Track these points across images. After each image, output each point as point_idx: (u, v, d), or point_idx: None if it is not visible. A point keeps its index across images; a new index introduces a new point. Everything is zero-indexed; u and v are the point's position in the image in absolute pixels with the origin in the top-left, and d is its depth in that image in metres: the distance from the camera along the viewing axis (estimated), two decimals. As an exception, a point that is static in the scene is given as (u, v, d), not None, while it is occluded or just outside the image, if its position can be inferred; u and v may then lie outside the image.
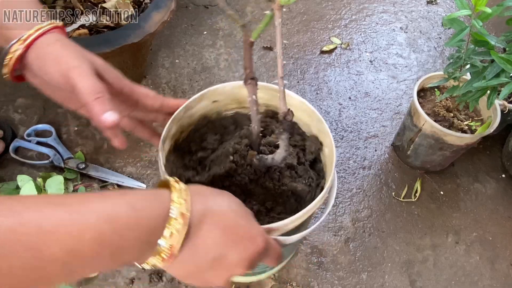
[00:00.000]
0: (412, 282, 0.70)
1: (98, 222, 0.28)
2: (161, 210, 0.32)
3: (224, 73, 0.98)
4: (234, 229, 0.35)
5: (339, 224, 0.75)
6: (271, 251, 0.39)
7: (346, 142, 0.88)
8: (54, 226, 0.26)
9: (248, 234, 0.36)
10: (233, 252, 0.35)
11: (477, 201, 0.80)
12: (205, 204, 0.34)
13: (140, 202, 0.31)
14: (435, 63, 1.05)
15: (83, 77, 0.39)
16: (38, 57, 0.41)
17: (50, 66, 0.40)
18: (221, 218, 0.35)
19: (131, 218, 0.30)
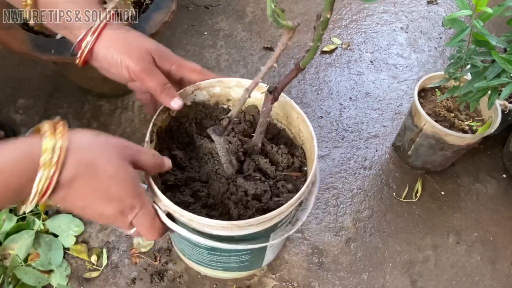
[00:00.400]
0: (413, 282, 0.70)
1: None
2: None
3: (224, 73, 0.98)
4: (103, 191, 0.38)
5: (340, 224, 0.75)
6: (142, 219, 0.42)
7: (347, 142, 0.88)
8: None
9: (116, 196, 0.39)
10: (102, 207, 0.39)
11: (478, 201, 0.80)
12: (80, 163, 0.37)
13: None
14: (435, 63, 1.05)
15: (150, 78, 0.49)
16: (105, 46, 0.48)
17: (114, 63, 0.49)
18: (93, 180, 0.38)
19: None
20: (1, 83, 0.91)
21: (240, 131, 0.58)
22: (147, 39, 0.51)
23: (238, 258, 0.56)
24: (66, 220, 0.69)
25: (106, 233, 0.71)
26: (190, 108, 0.58)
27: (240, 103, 0.47)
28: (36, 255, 0.66)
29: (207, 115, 0.60)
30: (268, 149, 0.56)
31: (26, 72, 0.94)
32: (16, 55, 0.71)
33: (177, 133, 0.58)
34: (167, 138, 0.57)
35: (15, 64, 0.95)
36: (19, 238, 0.66)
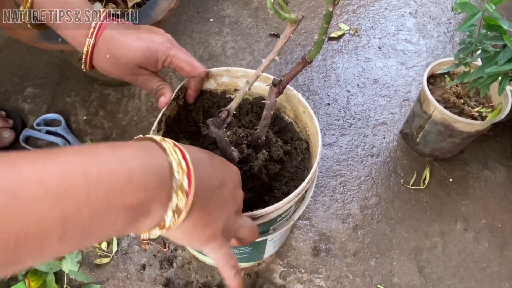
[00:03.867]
0: (420, 268, 0.70)
1: (80, 160, 0.26)
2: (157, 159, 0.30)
3: (231, 61, 0.97)
4: (216, 162, 0.37)
5: (347, 211, 0.75)
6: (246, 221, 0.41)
7: (354, 129, 0.87)
8: (32, 169, 0.24)
9: (227, 168, 0.39)
10: (228, 172, 0.38)
11: (487, 188, 0.80)
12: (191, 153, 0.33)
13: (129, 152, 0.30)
14: (444, 48, 1.03)
15: (141, 86, 0.52)
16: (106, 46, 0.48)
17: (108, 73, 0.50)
18: (205, 164, 0.35)
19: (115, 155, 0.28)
20: (9, 72, 0.92)
21: (247, 123, 0.58)
22: (135, 47, 0.49)
23: (238, 250, 0.56)
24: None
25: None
26: (198, 97, 0.58)
27: (240, 96, 0.47)
28: None
29: (214, 104, 0.60)
30: (272, 142, 0.55)
31: (33, 61, 0.94)
32: (23, 43, 0.71)
33: (185, 122, 0.58)
34: (175, 127, 0.57)
35: (22, 53, 0.95)
36: None
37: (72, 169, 0.25)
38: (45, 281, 0.64)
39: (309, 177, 0.47)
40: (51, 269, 0.65)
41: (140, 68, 0.50)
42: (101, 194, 0.25)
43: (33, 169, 0.24)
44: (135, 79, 0.52)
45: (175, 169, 0.30)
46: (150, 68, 0.51)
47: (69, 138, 0.79)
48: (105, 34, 0.49)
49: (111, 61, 0.49)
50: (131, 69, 0.50)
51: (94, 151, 0.27)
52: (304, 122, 0.57)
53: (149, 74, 0.52)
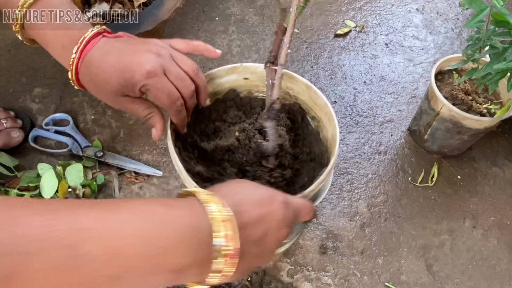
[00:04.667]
0: (428, 266, 0.70)
1: (135, 218, 0.26)
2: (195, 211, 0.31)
3: (237, 59, 0.97)
4: (260, 201, 0.35)
5: (354, 209, 0.75)
6: (300, 207, 0.39)
7: (361, 127, 0.87)
8: (89, 222, 0.24)
9: (272, 200, 0.36)
10: (271, 218, 0.35)
11: (495, 186, 0.79)
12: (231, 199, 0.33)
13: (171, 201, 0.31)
14: (452, 45, 1.02)
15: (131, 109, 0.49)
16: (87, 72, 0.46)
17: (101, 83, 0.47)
18: (245, 199, 0.35)
19: (167, 214, 0.29)
20: (17, 72, 0.93)
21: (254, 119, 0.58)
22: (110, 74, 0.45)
23: None
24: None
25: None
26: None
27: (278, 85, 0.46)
28: None
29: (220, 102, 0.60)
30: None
31: (41, 61, 0.95)
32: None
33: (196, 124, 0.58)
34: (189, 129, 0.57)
35: (29, 54, 0.96)
36: None
37: (128, 227, 0.26)
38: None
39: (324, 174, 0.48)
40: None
41: (121, 96, 0.47)
42: (152, 255, 0.26)
43: (91, 224, 0.24)
44: (119, 106, 0.49)
45: (216, 230, 0.30)
46: (129, 93, 0.47)
47: (77, 138, 0.80)
48: (87, 58, 0.46)
49: (93, 87, 0.48)
50: (111, 97, 0.48)
51: (147, 209, 0.28)
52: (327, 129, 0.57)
53: (131, 101, 0.48)
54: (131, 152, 0.80)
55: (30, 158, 0.78)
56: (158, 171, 0.77)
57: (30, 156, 0.79)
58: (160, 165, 0.79)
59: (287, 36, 0.43)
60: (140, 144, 0.82)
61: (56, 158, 0.78)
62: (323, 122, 0.58)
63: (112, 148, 0.81)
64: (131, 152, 0.80)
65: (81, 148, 0.78)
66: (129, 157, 0.79)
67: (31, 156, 0.79)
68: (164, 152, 0.81)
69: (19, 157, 0.76)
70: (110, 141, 0.82)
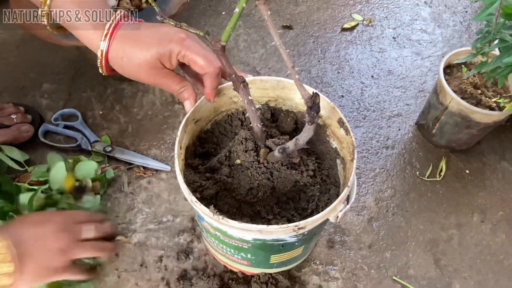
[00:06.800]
0: (436, 260, 0.70)
1: None
2: None
3: (243, 54, 0.97)
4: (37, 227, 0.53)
5: (362, 204, 0.75)
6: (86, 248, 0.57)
7: (368, 121, 0.87)
8: None
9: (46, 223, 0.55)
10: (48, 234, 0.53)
11: (504, 180, 0.79)
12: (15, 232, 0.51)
13: None
14: (461, 38, 1.01)
15: (162, 87, 0.52)
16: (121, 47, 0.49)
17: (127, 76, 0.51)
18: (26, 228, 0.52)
19: None
20: (26, 68, 0.93)
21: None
22: (148, 43, 0.49)
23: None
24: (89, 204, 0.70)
25: (133, 213, 0.73)
26: None
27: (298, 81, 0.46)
28: None
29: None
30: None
31: (49, 57, 0.95)
32: (39, 40, 0.72)
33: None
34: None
35: (38, 49, 0.96)
36: None
37: None
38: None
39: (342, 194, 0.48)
40: None
41: (156, 68, 0.49)
42: None
43: None
44: (153, 80, 0.51)
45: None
46: (165, 63, 0.50)
47: (86, 133, 0.81)
48: (119, 34, 0.49)
49: (126, 62, 0.49)
50: (147, 70, 0.49)
51: None
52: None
53: (166, 74, 0.51)
54: (139, 147, 0.81)
55: (39, 152, 0.79)
56: (166, 166, 0.78)
57: (39, 151, 0.80)
58: (168, 159, 0.80)
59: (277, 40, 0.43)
60: (148, 139, 0.82)
61: (65, 153, 0.79)
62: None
63: (121, 143, 0.81)
64: (139, 147, 0.81)
65: (90, 143, 0.79)
66: (137, 152, 0.80)
67: (41, 151, 0.79)
68: (171, 147, 0.81)
69: (29, 152, 0.77)
70: (118, 136, 0.82)
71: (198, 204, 0.46)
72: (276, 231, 0.45)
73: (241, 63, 0.95)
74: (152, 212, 0.73)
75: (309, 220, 0.45)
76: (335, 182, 0.58)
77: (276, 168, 0.54)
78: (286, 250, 0.54)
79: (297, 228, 0.45)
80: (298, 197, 0.56)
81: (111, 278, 0.66)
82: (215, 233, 0.52)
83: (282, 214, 0.55)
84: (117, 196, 0.75)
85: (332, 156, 0.59)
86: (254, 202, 0.55)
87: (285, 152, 0.50)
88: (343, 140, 0.55)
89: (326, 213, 0.46)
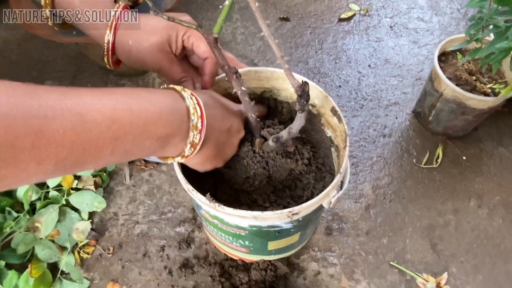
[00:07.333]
0: (433, 245, 0.71)
1: (126, 97, 0.35)
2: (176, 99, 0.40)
3: (241, 47, 0.98)
4: (224, 110, 0.48)
5: (359, 191, 0.77)
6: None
7: (366, 110, 0.87)
8: (92, 98, 0.32)
9: (231, 109, 0.50)
10: (233, 120, 0.49)
11: (501, 165, 0.80)
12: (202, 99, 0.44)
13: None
14: (458, 25, 1.01)
15: (166, 75, 0.52)
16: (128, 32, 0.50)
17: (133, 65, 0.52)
18: (215, 110, 0.46)
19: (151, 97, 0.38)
20: (27, 66, 0.95)
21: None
22: (156, 25, 0.50)
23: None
24: (90, 196, 0.73)
25: (135, 205, 0.75)
26: None
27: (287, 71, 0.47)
28: (57, 232, 0.69)
29: None
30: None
31: (50, 54, 0.97)
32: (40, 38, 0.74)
33: None
34: None
35: (39, 47, 0.98)
36: (46, 212, 0.69)
37: (121, 104, 0.34)
38: (44, 272, 0.66)
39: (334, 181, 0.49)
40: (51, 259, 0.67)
41: (164, 52, 0.50)
42: (141, 124, 0.35)
43: (93, 101, 0.32)
44: (158, 66, 0.52)
45: (192, 112, 0.40)
46: (172, 46, 0.51)
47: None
48: (124, 23, 0.49)
49: (134, 46, 0.50)
50: (154, 53, 0.50)
51: (135, 94, 0.37)
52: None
53: (172, 60, 0.52)
54: (140, 140, 0.83)
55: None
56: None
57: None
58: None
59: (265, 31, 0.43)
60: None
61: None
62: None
63: (122, 137, 0.83)
64: (140, 140, 0.83)
65: (92, 138, 0.81)
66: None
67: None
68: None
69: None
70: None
71: (194, 192, 0.47)
72: (270, 217, 0.46)
73: (239, 56, 0.96)
74: (153, 203, 0.75)
75: (303, 206, 0.47)
76: (330, 170, 0.60)
77: (271, 157, 0.55)
78: (282, 237, 0.56)
79: (291, 214, 0.47)
80: (294, 185, 0.58)
81: (115, 267, 0.68)
82: (213, 221, 0.53)
83: (279, 202, 0.56)
84: (119, 189, 0.77)
85: (327, 145, 0.61)
86: (251, 191, 0.56)
87: (279, 141, 0.52)
88: (337, 128, 0.56)
89: (319, 199, 0.48)
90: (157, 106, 0.37)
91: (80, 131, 0.31)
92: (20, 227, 0.67)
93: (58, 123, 0.29)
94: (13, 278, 0.64)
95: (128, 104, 0.35)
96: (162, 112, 0.37)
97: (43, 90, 0.30)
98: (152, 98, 0.38)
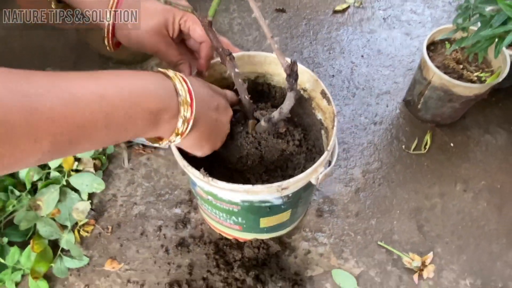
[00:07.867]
0: (419, 227, 0.74)
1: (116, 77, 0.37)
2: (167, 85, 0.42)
3: (238, 37, 1.01)
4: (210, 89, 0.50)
5: (350, 176, 0.79)
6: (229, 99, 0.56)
7: (358, 99, 0.90)
8: (81, 80, 0.34)
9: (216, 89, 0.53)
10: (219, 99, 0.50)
11: (487, 152, 0.82)
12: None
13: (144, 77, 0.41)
14: (449, 18, 1.04)
15: (163, 57, 0.54)
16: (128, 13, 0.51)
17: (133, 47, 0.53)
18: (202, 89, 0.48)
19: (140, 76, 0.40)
20: (29, 54, 0.98)
21: None
22: (155, 8, 0.52)
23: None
24: (89, 178, 0.75)
25: (133, 187, 0.78)
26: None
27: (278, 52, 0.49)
28: (58, 211, 0.72)
29: None
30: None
31: (51, 43, 0.99)
32: (41, 27, 0.76)
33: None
34: None
35: (40, 36, 1.00)
36: (47, 191, 0.72)
37: (109, 82, 0.36)
38: (45, 248, 0.68)
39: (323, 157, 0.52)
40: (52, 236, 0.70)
41: (161, 35, 0.52)
42: (130, 99, 0.37)
43: (82, 81, 0.34)
44: (156, 48, 0.53)
45: (179, 88, 0.41)
46: (169, 30, 0.53)
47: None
48: (124, 5, 0.51)
49: (133, 30, 0.52)
50: (152, 36, 0.52)
51: (122, 73, 0.39)
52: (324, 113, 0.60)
53: (169, 43, 0.54)
54: (139, 126, 0.85)
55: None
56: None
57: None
58: (166, 137, 0.84)
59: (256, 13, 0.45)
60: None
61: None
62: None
63: (121, 123, 0.85)
64: (139, 126, 0.85)
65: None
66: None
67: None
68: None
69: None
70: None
71: (189, 167, 0.50)
72: (261, 191, 0.49)
73: (235, 46, 0.98)
74: (151, 186, 0.78)
75: (291, 181, 0.49)
76: (320, 152, 0.62)
77: (264, 138, 0.58)
78: (274, 213, 0.59)
79: (280, 189, 0.49)
80: (286, 165, 0.60)
81: (114, 245, 0.71)
82: (207, 197, 0.56)
83: (271, 181, 0.59)
84: (118, 172, 0.79)
85: (317, 128, 0.63)
86: (244, 170, 0.59)
87: (270, 121, 0.54)
88: (326, 110, 0.59)
89: (307, 175, 0.50)
90: (144, 82, 0.39)
91: (72, 107, 0.32)
92: (22, 205, 0.70)
93: (50, 100, 0.31)
94: (15, 254, 0.67)
95: (116, 82, 0.37)
96: (150, 88, 0.39)
97: (35, 74, 0.32)
98: (138, 76, 0.40)
